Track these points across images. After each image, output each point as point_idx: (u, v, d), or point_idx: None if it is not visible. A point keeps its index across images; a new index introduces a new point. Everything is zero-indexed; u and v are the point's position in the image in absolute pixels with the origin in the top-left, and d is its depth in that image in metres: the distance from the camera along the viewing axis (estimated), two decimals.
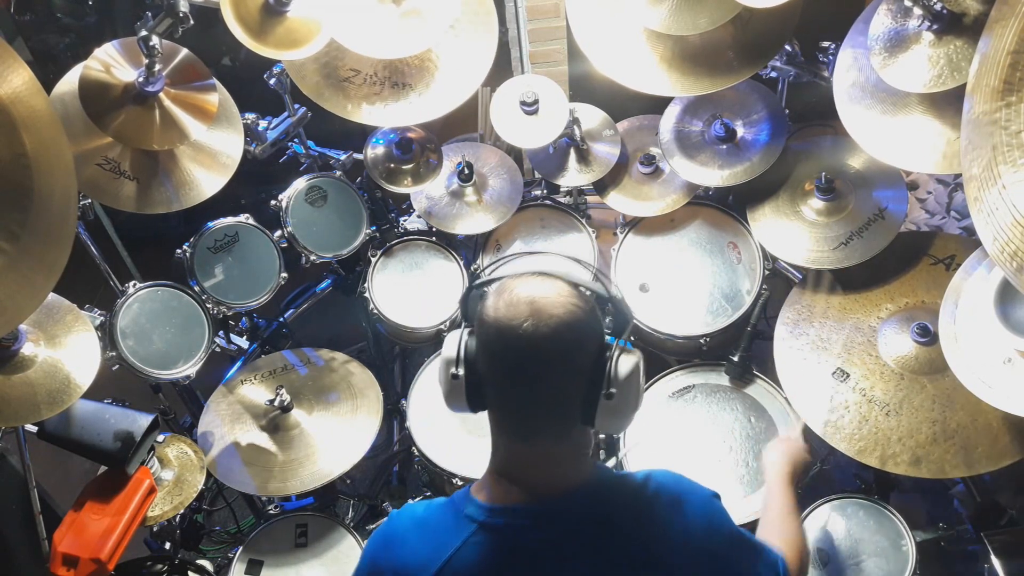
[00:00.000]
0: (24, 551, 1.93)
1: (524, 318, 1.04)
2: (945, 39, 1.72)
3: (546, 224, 2.61)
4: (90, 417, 1.88)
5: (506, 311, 1.06)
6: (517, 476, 1.13)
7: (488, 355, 1.10)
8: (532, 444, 1.12)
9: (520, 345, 1.05)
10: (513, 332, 1.04)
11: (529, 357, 1.06)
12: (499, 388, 1.11)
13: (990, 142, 1.29)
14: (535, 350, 1.05)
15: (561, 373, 1.07)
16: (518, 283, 1.09)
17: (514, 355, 1.07)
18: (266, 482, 2.11)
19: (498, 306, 1.07)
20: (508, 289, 1.08)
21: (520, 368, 1.07)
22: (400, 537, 1.17)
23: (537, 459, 1.13)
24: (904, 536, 1.90)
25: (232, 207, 2.39)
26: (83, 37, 3.52)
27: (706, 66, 2.13)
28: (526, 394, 1.09)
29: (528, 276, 1.10)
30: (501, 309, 1.06)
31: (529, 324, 1.03)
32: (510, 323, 1.05)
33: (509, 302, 1.06)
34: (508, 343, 1.06)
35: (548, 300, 1.05)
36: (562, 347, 1.06)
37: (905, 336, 1.96)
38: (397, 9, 2.14)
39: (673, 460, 2.16)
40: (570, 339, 1.06)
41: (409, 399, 2.37)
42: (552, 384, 1.08)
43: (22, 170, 1.42)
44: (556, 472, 1.13)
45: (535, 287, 1.07)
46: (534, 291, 1.07)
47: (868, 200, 2.15)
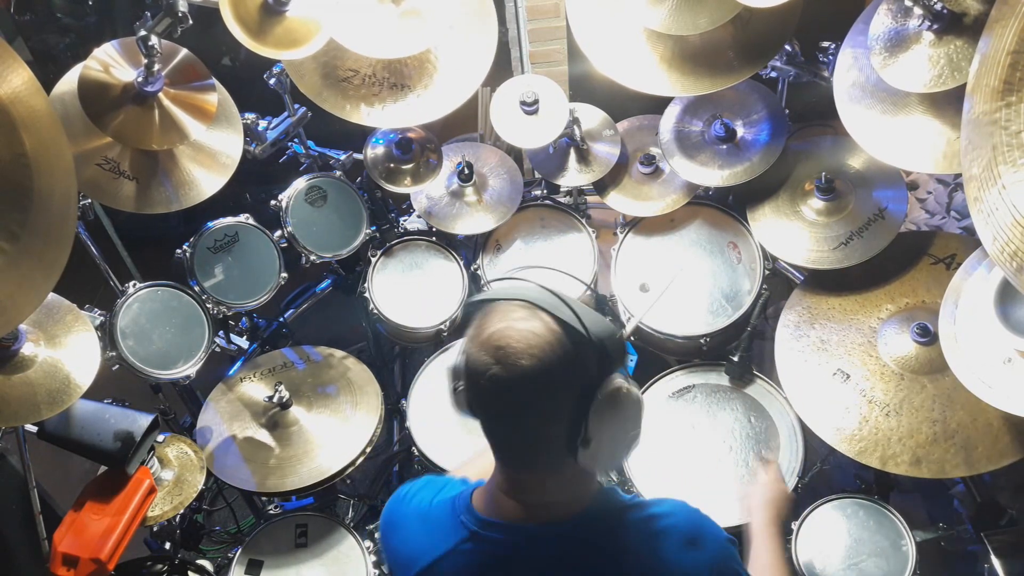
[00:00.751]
0: (24, 551, 1.93)
1: (490, 362, 1.01)
2: (945, 39, 1.71)
3: (546, 224, 2.61)
4: (90, 417, 1.88)
5: (476, 354, 1.03)
6: (515, 495, 1.12)
7: (469, 390, 1.08)
8: (524, 471, 1.11)
9: (490, 389, 1.02)
10: (479, 375, 1.03)
11: (499, 401, 1.04)
12: (481, 418, 1.10)
13: (990, 142, 1.29)
14: (496, 396, 1.03)
15: (536, 416, 1.04)
16: (494, 320, 1.04)
17: (485, 397, 1.05)
18: (265, 478, 2.12)
19: (471, 347, 1.05)
20: (488, 322, 1.05)
21: (494, 409, 1.06)
22: (402, 523, 1.21)
23: (533, 484, 1.11)
24: (904, 536, 1.90)
25: (232, 207, 2.39)
26: (83, 37, 3.52)
27: (706, 66, 2.13)
28: (506, 432, 1.08)
29: (506, 311, 1.05)
30: (473, 346, 1.04)
31: (496, 370, 1.01)
32: (478, 367, 1.03)
33: (481, 344, 1.03)
34: (478, 386, 1.04)
35: (519, 346, 1.00)
36: (531, 393, 1.01)
37: (905, 336, 1.96)
38: (397, 9, 2.14)
39: (673, 460, 2.16)
40: (540, 385, 1.01)
41: (409, 399, 2.37)
42: (529, 425, 1.05)
43: (22, 170, 1.42)
44: (554, 497, 1.11)
45: (511, 327, 1.02)
46: (506, 333, 1.01)
47: (868, 200, 2.15)
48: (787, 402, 2.11)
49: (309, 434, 2.20)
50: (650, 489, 2.11)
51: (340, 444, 2.18)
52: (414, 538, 1.17)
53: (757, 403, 2.23)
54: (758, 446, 2.14)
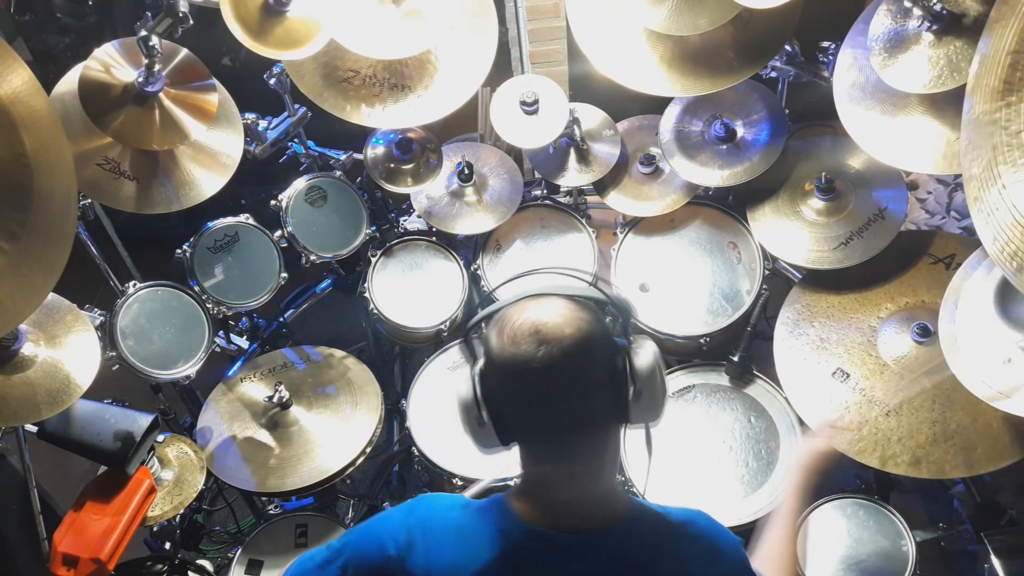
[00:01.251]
0: (24, 551, 1.92)
1: (535, 348, 1.01)
2: (945, 39, 1.72)
3: (546, 224, 2.61)
4: (90, 417, 1.88)
5: (513, 346, 1.03)
6: (556, 501, 1.11)
7: (508, 392, 1.07)
8: (570, 465, 1.10)
9: (536, 376, 1.02)
10: (527, 365, 1.02)
11: (549, 384, 1.03)
12: (526, 419, 1.08)
13: (990, 142, 1.29)
14: (553, 377, 1.03)
15: (583, 389, 1.06)
16: (516, 313, 1.06)
17: (534, 386, 1.04)
18: (265, 479, 2.12)
19: (503, 343, 1.04)
20: (508, 322, 1.05)
21: (542, 397, 1.05)
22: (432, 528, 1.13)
23: (576, 483, 1.10)
24: (904, 536, 1.90)
25: (232, 207, 2.39)
26: (83, 37, 3.52)
27: (706, 66, 2.13)
28: (554, 419, 1.07)
29: (524, 302, 1.08)
30: (507, 345, 1.04)
31: (541, 353, 1.01)
32: (521, 357, 1.02)
33: (513, 337, 1.03)
34: (524, 377, 1.03)
35: (552, 324, 1.03)
36: (578, 365, 1.04)
37: (905, 336, 1.96)
38: (397, 9, 2.14)
39: (673, 460, 2.16)
40: (584, 355, 1.03)
41: (409, 399, 2.37)
42: (577, 402, 1.06)
43: (22, 170, 1.42)
44: (595, 502, 1.11)
45: (535, 313, 1.05)
46: (535, 318, 1.04)
47: (868, 200, 2.15)
48: (787, 402, 2.11)
49: (309, 434, 2.20)
50: (650, 489, 2.11)
51: (340, 444, 2.18)
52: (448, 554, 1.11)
53: (757, 403, 2.23)
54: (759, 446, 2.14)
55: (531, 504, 1.12)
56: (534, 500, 1.12)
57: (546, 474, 1.12)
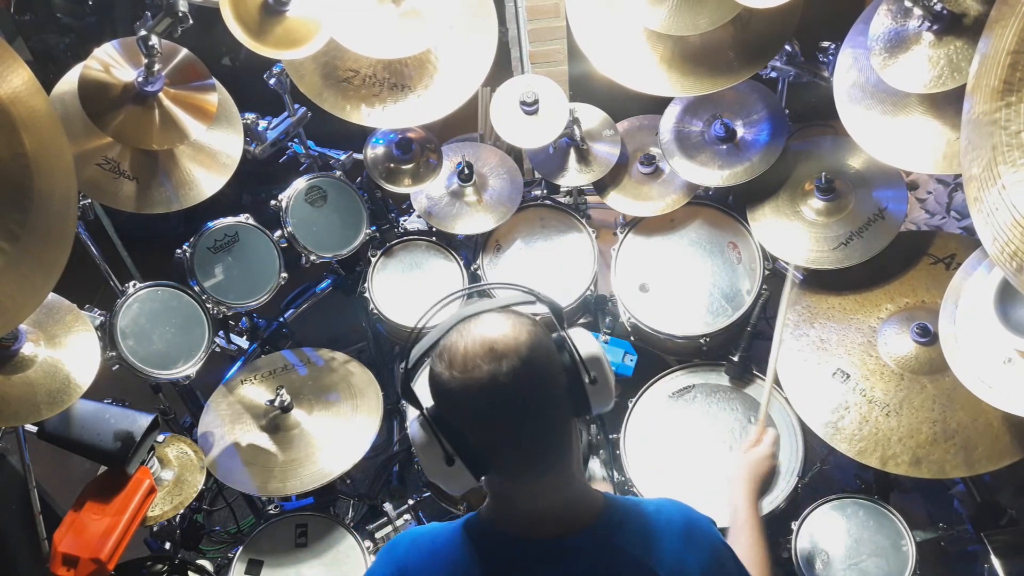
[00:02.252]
0: (24, 551, 1.93)
1: (494, 365, 0.99)
2: (945, 39, 1.72)
3: (546, 224, 2.61)
4: (90, 417, 1.88)
5: (466, 371, 1.00)
6: (531, 511, 1.11)
7: (471, 420, 1.04)
8: (539, 474, 1.09)
9: (501, 392, 1.00)
10: (491, 384, 0.99)
11: (515, 397, 1.01)
12: (495, 443, 1.05)
13: (990, 142, 1.29)
14: (518, 388, 1.01)
15: (548, 394, 1.05)
16: (456, 340, 1.03)
17: (500, 405, 1.01)
18: (266, 482, 2.11)
19: (453, 372, 1.01)
20: (454, 350, 1.02)
21: (511, 412, 1.02)
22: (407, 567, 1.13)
23: (549, 492, 1.10)
24: (904, 536, 1.90)
25: (232, 207, 2.39)
26: (83, 37, 3.52)
27: (706, 66, 2.13)
28: (526, 432, 1.05)
29: (459, 328, 1.05)
30: (459, 372, 1.01)
31: (505, 367, 0.99)
32: (480, 379, 1.00)
33: (465, 361, 1.01)
34: (488, 397, 1.01)
35: (502, 336, 1.01)
36: (539, 371, 1.03)
37: (905, 336, 1.96)
38: (397, 9, 2.14)
39: (673, 460, 2.16)
40: (541, 359, 1.03)
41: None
42: (545, 408, 1.05)
43: (22, 170, 1.42)
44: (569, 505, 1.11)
45: (479, 332, 1.02)
46: (482, 336, 1.02)
47: (868, 200, 2.15)
48: (787, 402, 2.11)
49: (310, 437, 2.20)
50: (650, 489, 2.11)
51: (342, 448, 2.18)
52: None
53: (757, 403, 2.23)
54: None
55: (507, 518, 1.12)
56: (509, 515, 1.12)
57: (519, 489, 1.11)
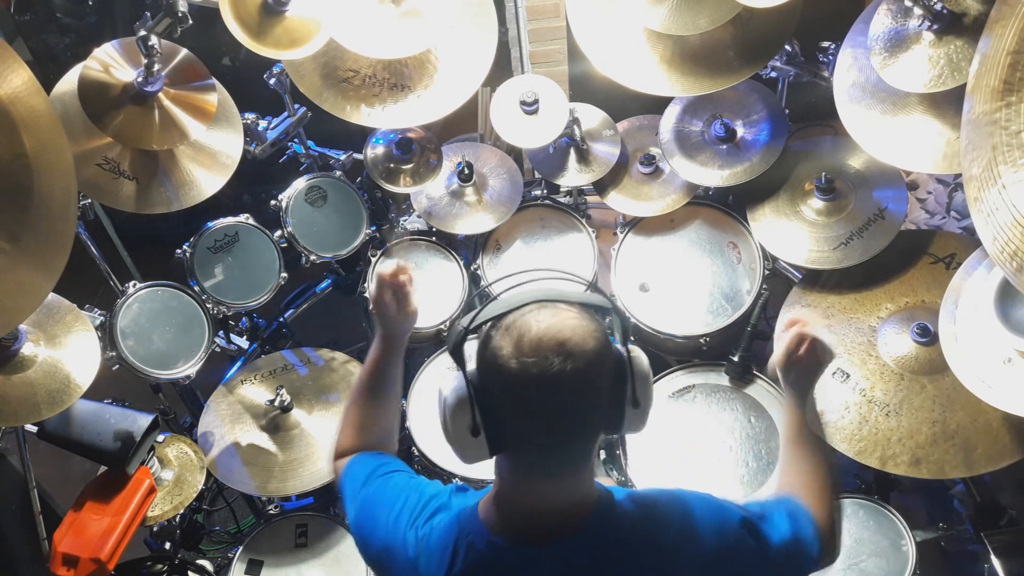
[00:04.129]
0: (24, 551, 1.92)
1: (560, 361, 0.99)
2: (945, 39, 1.72)
3: (546, 224, 2.61)
4: (90, 417, 1.88)
5: (534, 356, 0.99)
6: (529, 512, 1.10)
7: (513, 401, 1.03)
8: (554, 478, 1.09)
9: (555, 388, 1.00)
10: (547, 379, 0.99)
11: (565, 397, 1.01)
12: (526, 430, 1.05)
13: (990, 142, 1.29)
14: (572, 389, 1.01)
15: (594, 401, 1.05)
16: (531, 321, 1.02)
17: (552, 398, 1.01)
18: (266, 482, 2.12)
19: (520, 351, 1.00)
20: (522, 330, 1.02)
21: (557, 409, 1.02)
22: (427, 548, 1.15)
23: (555, 495, 1.10)
24: (904, 536, 1.90)
25: (232, 207, 2.39)
26: (83, 37, 3.52)
27: (706, 66, 2.13)
28: (559, 432, 1.05)
29: (535, 310, 1.04)
30: (527, 354, 1.00)
31: (570, 366, 0.99)
32: (541, 369, 0.99)
33: (534, 345, 1.00)
34: (541, 388, 1.00)
35: (576, 337, 1.01)
36: (595, 377, 1.03)
37: (905, 336, 1.96)
38: (396, 9, 2.14)
39: (673, 460, 2.16)
40: (601, 368, 1.04)
41: (409, 399, 2.37)
42: (585, 414, 1.05)
43: (22, 170, 1.42)
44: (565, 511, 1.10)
45: (555, 324, 1.02)
46: (558, 330, 1.01)
47: (868, 200, 2.15)
48: None
49: (310, 437, 2.20)
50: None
51: None
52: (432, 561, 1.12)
53: (757, 403, 2.23)
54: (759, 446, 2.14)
55: (500, 515, 1.12)
56: (505, 511, 1.12)
57: (527, 486, 1.10)
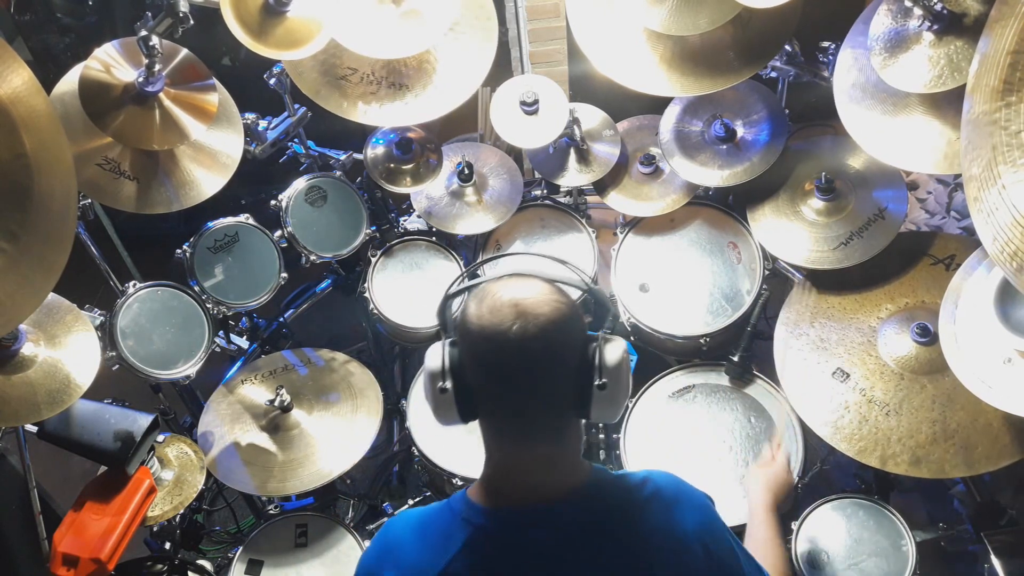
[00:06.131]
0: (24, 551, 1.92)
1: (511, 321, 1.04)
2: (945, 39, 1.72)
3: (546, 224, 2.61)
4: (90, 417, 1.88)
5: (491, 316, 1.05)
6: (514, 480, 1.13)
7: (478, 362, 1.09)
8: (530, 446, 1.12)
9: (510, 348, 1.04)
10: (502, 336, 1.04)
11: (520, 359, 1.06)
12: (492, 394, 1.10)
13: (990, 142, 1.29)
14: (525, 352, 1.05)
15: (553, 371, 1.08)
16: (498, 287, 1.08)
17: (506, 359, 1.06)
18: (266, 482, 2.11)
19: (481, 312, 1.06)
20: (489, 294, 1.08)
21: (513, 371, 1.07)
22: (398, 543, 1.17)
23: (535, 461, 1.13)
24: (904, 536, 1.90)
25: (232, 207, 2.39)
26: (83, 37, 3.52)
27: (706, 66, 2.13)
28: (520, 397, 1.09)
29: (507, 279, 1.10)
30: (485, 315, 1.06)
31: (517, 326, 1.03)
32: (497, 328, 1.04)
33: (493, 307, 1.06)
34: (498, 348, 1.05)
35: (532, 300, 1.05)
36: (551, 345, 1.06)
37: (905, 336, 1.96)
38: (396, 9, 2.14)
39: (673, 460, 2.16)
40: (558, 336, 1.06)
41: (409, 399, 2.37)
42: (545, 383, 1.08)
43: (22, 170, 1.42)
44: (553, 474, 1.13)
45: (517, 289, 1.07)
46: (517, 293, 1.06)
47: (868, 200, 2.15)
48: (787, 402, 2.11)
49: (310, 437, 2.20)
50: None
51: (341, 448, 2.18)
52: (415, 552, 1.14)
53: (757, 403, 2.23)
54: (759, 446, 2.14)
55: (490, 491, 1.15)
56: (494, 487, 1.15)
57: (506, 459, 1.14)
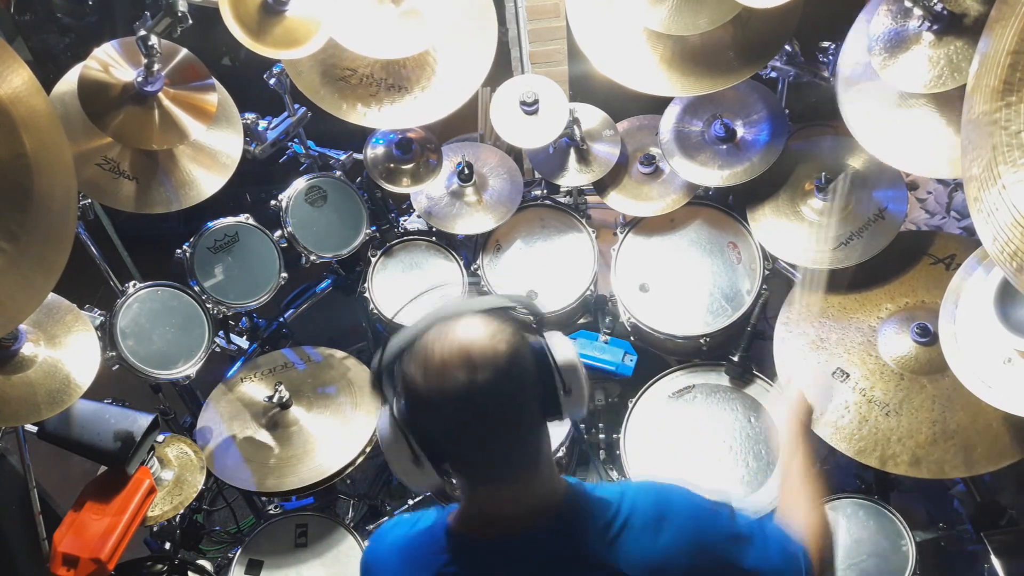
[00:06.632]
0: (24, 551, 1.93)
1: (466, 375, 0.97)
2: (945, 39, 1.72)
3: (546, 224, 2.61)
4: (90, 417, 1.88)
5: (441, 379, 0.98)
6: (493, 512, 1.10)
7: (442, 426, 1.02)
8: (508, 483, 1.08)
9: (473, 403, 0.98)
10: (463, 395, 0.97)
11: (487, 409, 1.00)
12: (463, 447, 1.05)
13: (990, 142, 1.29)
14: (490, 400, 0.99)
15: (521, 405, 1.04)
16: (433, 343, 1.00)
17: (471, 415, 1.00)
18: (264, 478, 2.12)
19: (429, 377, 0.99)
20: (429, 352, 1.00)
21: (482, 422, 1.01)
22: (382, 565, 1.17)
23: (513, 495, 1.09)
24: (904, 536, 1.90)
25: (232, 207, 2.39)
26: (83, 37, 3.52)
27: (706, 66, 2.13)
28: (492, 441, 1.04)
29: (438, 329, 1.02)
30: (434, 378, 0.98)
31: (479, 378, 0.97)
32: (454, 388, 0.97)
33: (441, 368, 0.98)
34: (460, 407, 0.99)
35: (479, 345, 0.99)
36: (514, 382, 1.01)
37: (905, 336, 1.96)
38: (396, 9, 2.14)
39: (673, 460, 2.16)
40: (518, 369, 1.01)
41: None
42: (516, 419, 1.04)
43: (22, 170, 1.42)
44: (531, 501, 1.09)
45: (457, 337, 1.00)
46: (460, 343, 0.99)
47: (868, 200, 2.15)
48: None
49: (309, 434, 2.20)
50: None
51: (340, 444, 2.18)
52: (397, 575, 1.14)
53: (757, 403, 2.24)
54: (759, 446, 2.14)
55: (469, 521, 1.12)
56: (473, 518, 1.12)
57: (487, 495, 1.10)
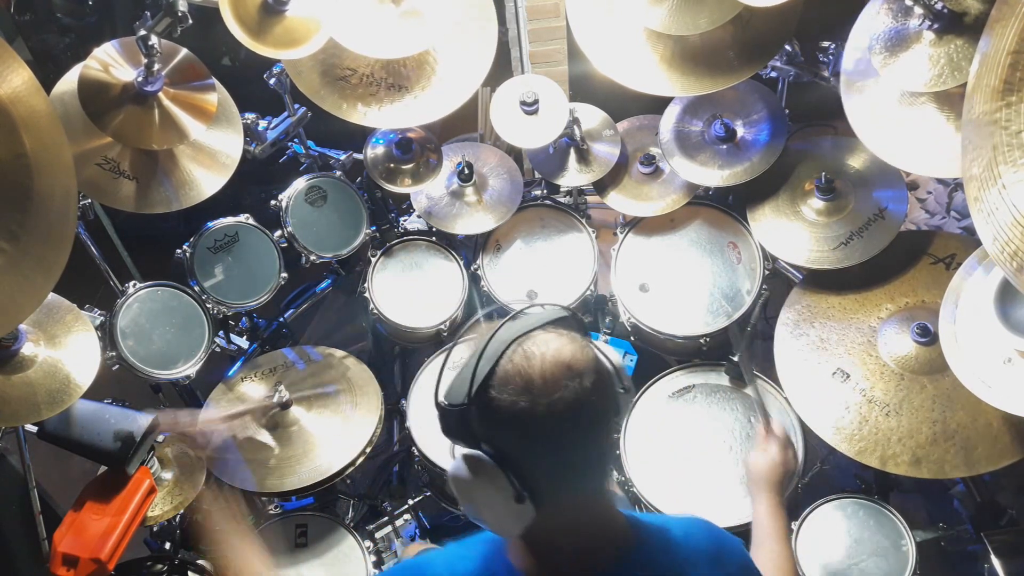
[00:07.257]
0: (24, 551, 1.92)
1: (571, 381, 0.97)
2: (946, 38, 1.72)
3: (546, 224, 2.61)
4: (90, 417, 1.87)
5: (548, 393, 0.96)
6: (561, 544, 1.07)
7: (554, 443, 1.00)
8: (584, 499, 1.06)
9: (584, 408, 0.98)
10: (574, 403, 0.97)
11: (595, 408, 1.00)
12: (575, 461, 1.02)
13: (990, 142, 1.28)
14: (597, 403, 1.00)
15: (611, 400, 1.04)
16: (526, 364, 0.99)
17: (585, 421, 0.99)
18: (264, 478, 2.12)
19: (535, 395, 0.96)
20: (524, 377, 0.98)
21: (592, 428, 1.01)
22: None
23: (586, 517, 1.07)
24: (904, 536, 1.90)
25: (232, 207, 2.39)
26: (83, 37, 3.52)
27: (706, 66, 2.13)
28: (601, 445, 1.04)
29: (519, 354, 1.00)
30: (541, 395, 0.96)
31: (584, 384, 0.98)
32: (564, 398, 0.96)
33: (544, 385, 0.97)
34: (573, 416, 0.98)
35: (570, 353, 0.99)
36: (607, 381, 1.03)
37: (905, 336, 1.96)
38: (396, 9, 2.14)
39: (673, 460, 2.16)
40: (602, 366, 1.03)
41: (409, 399, 2.37)
42: (608, 416, 1.04)
43: (22, 170, 1.41)
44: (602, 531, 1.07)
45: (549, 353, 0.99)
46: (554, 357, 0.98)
47: (868, 200, 2.15)
48: (787, 402, 2.11)
49: (309, 434, 2.20)
50: (650, 489, 2.10)
51: (340, 444, 2.18)
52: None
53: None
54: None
55: (536, 557, 1.07)
56: (540, 554, 1.07)
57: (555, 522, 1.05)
